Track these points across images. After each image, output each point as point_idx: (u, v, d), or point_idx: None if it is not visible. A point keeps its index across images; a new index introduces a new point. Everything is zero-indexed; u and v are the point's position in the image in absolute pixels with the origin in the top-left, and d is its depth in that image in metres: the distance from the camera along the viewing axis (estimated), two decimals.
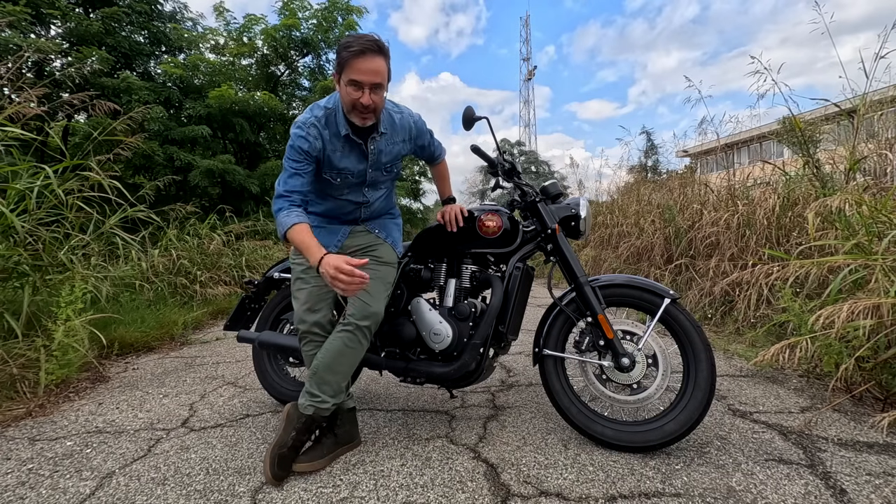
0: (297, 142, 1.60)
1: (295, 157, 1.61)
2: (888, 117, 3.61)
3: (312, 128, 1.61)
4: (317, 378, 1.64)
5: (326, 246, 1.62)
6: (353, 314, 1.65)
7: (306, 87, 11.46)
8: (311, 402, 1.63)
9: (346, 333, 1.64)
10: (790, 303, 2.44)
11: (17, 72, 3.22)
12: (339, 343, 1.65)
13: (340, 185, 1.73)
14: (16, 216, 2.56)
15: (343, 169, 1.69)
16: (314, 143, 1.61)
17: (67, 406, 2.28)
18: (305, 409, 1.63)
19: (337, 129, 1.63)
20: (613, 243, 6.09)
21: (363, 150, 1.69)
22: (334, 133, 1.63)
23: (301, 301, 1.73)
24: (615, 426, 1.69)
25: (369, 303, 1.66)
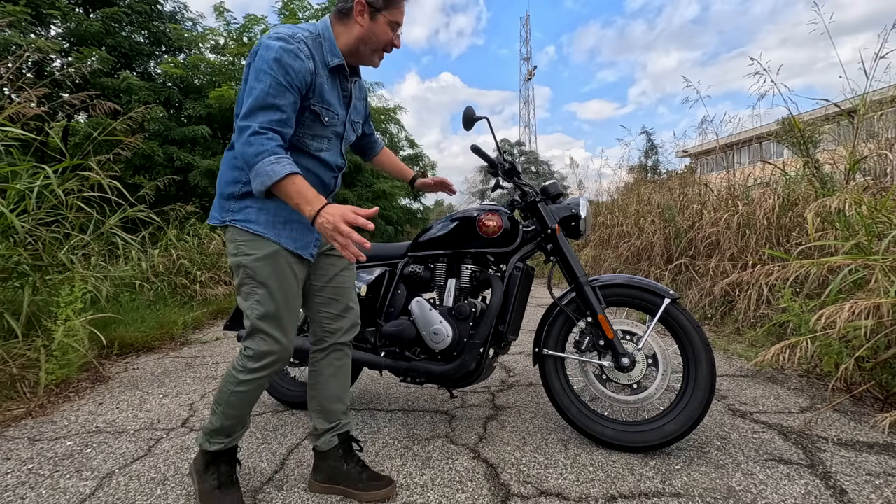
0: (287, 58, 1.18)
1: (281, 79, 1.17)
2: (888, 117, 3.61)
3: (303, 44, 1.23)
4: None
5: (304, 249, 1.34)
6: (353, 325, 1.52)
7: None
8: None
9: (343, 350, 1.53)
10: (790, 303, 2.44)
11: (17, 72, 3.22)
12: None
13: (325, 130, 1.35)
14: (16, 216, 2.56)
15: (331, 105, 1.33)
16: (306, 64, 1.22)
17: (67, 406, 2.28)
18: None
19: (324, 56, 1.29)
20: (613, 243, 6.09)
21: (345, 90, 1.39)
22: (321, 61, 1.28)
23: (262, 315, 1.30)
24: (615, 426, 1.69)
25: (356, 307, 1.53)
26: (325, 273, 1.47)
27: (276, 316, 1.30)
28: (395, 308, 1.97)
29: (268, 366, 1.33)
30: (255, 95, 1.16)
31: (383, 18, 1.31)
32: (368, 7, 1.29)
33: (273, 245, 1.28)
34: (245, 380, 1.32)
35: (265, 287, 1.28)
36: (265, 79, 1.16)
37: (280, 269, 1.29)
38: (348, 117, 1.42)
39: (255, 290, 1.29)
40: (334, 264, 1.48)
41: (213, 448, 1.35)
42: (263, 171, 1.12)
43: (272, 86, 1.16)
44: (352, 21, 1.30)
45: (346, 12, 1.30)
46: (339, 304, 1.49)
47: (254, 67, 1.19)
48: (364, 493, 1.41)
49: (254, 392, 1.36)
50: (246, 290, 1.30)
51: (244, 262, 1.27)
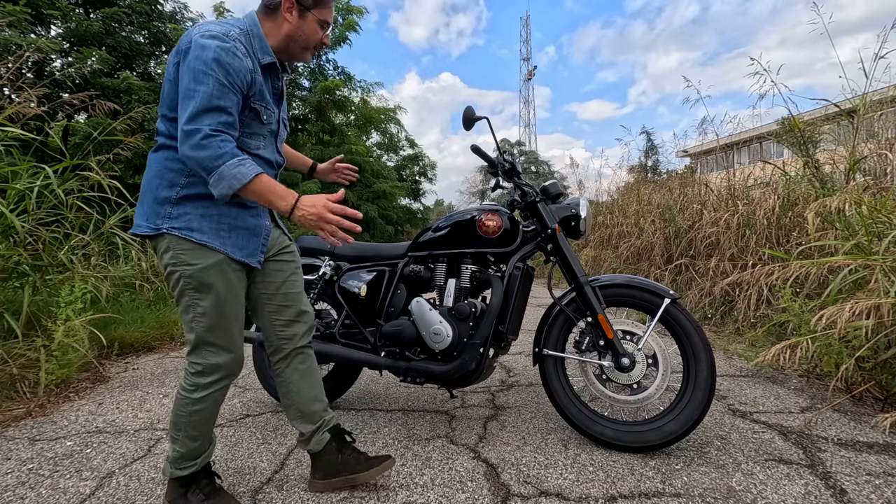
0: (226, 57, 1.13)
1: (223, 79, 1.13)
2: (888, 117, 3.61)
3: (238, 42, 1.19)
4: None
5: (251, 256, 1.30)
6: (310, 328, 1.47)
7: (306, 87, 11.46)
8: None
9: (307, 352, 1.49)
10: (790, 303, 2.44)
11: (17, 72, 3.22)
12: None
13: (262, 129, 1.31)
14: (16, 216, 2.56)
15: (268, 103, 1.31)
16: (245, 62, 1.18)
17: (67, 406, 2.28)
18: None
19: (255, 53, 1.25)
20: (613, 243, 6.09)
21: (276, 88, 1.36)
22: (254, 59, 1.25)
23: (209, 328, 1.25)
24: (615, 426, 1.69)
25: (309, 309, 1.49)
26: (273, 280, 1.41)
27: (225, 326, 1.27)
28: (395, 308, 1.97)
29: (221, 379, 1.29)
30: (200, 98, 1.11)
31: (312, 17, 1.30)
32: (297, 5, 1.27)
33: (218, 254, 1.23)
34: (199, 397, 1.27)
35: (211, 298, 1.23)
36: (207, 80, 1.12)
37: (226, 279, 1.25)
38: (280, 114, 1.39)
39: (198, 302, 1.23)
40: (282, 269, 1.43)
41: (185, 473, 1.30)
42: (230, 175, 1.11)
43: (215, 87, 1.13)
44: (280, 18, 1.28)
45: (273, 8, 1.28)
46: (291, 310, 1.44)
47: (189, 68, 1.13)
48: (365, 474, 1.43)
49: (212, 407, 1.31)
50: (187, 302, 1.23)
51: (186, 273, 1.21)
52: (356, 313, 2.04)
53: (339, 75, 11.37)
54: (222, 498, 1.33)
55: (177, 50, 1.18)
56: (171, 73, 1.20)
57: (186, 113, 1.11)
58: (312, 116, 11.15)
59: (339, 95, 10.63)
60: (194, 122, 1.11)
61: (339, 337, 2.04)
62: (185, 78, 1.14)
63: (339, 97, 10.72)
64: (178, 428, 1.29)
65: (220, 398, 1.33)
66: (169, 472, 1.31)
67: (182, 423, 1.28)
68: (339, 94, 10.56)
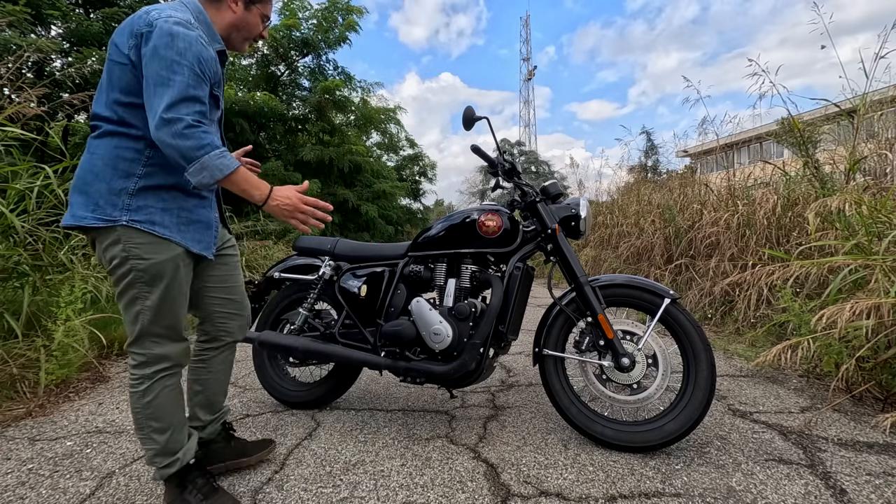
0: (198, 47, 1.14)
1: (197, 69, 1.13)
2: (888, 117, 3.61)
3: (200, 31, 1.20)
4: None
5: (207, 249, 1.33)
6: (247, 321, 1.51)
7: (306, 87, 11.46)
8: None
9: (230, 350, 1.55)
10: (790, 303, 2.44)
11: (17, 72, 3.22)
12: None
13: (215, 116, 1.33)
14: (16, 216, 2.56)
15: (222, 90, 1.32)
16: (210, 52, 1.20)
17: (67, 406, 2.28)
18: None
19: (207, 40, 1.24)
20: (613, 243, 6.09)
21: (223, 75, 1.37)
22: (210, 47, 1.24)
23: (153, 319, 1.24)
24: (615, 426, 1.69)
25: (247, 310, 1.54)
26: (218, 273, 1.45)
27: (171, 317, 1.26)
28: (395, 308, 1.97)
29: (166, 369, 1.29)
30: (177, 87, 1.10)
31: (256, 10, 1.35)
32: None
33: (178, 248, 1.24)
34: (146, 388, 1.26)
35: (160, 290, 1.22)
36: (182, 70, 1.11)
37: (178, 272, 1.25)
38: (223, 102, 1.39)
39: (147, 295, 1.22)
40: (227, 263, 1.48)
41: (173, 469, 1.30)
42: (213, 165, 1.13)
43: (191, 77, 1.12)
44: (224, 6, 1.30)
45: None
46: (234, 303, 1.49)
47: (160, 55, 1.10)
48: (251, 458, 1.58)
49: (167, 397, 1.29)
50: (134, 294, 1.21)
51: (140, 266, 1.19)
52: (356, 313, 2.04)
53: (339, 75, 11.37)
54: (221, 497, 1.32)
55: (132, 32, 1.15)
56: (124, 56, 1.15)
57: (164, 101, 1.09)
58: (312, 116, 11.15)
59: (339, 95, 10.63)
60: (173, 111, 1.09)
61: (339, 337, 2.04)
62: (154, 64, 1.10)
63: (339, 97, 10.72)
64: (141, 426, 1.29)
65: (174, 386, 1.32)
66: (158, 475, 1.31)
67: (142, 420, 1.28)
68: (339, 94, 10.56)
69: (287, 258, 2.31)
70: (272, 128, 11.07)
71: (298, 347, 1.99)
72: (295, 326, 2.10)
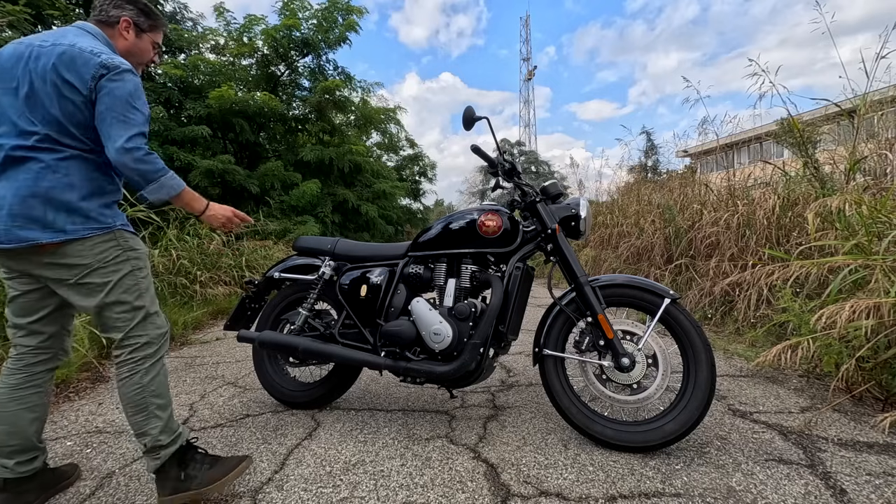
0: (141, 89, 1.36)
1: (144, 110, 1.35)
2: (888, 117, 3.61)
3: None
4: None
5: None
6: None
7: (306, 87, 11.45)
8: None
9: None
10: (790, 303, 2.44)
11: None
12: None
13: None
14: None
15: None
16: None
17: (67, 406, 2.28)
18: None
19: None
20: (613, 243, 6.09)
21: None
22: None
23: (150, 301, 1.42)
24: (615, 426, 1.69)
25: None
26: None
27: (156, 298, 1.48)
28: (395, 308, 1.97)
29: (164, 345, 1.45)
30: (136, 125, 1.30)
31: (148, 38, 1.50)
32: (134, 26, 1.45)
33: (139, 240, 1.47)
34: (149, 366, 1.39)
35: (149, 275, 1.46)
36: (136, 113, 1.31)
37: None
38: None
39: (143, 281, 1.41)
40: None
41: (176, 445, 1.39)
42: (168, 185, 1.35)
43: (143, 117, 1.33)
44: (116, 34, 1.44)
45: (110, 24, 1.43)
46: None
47: (117, 97, 1.28)
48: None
49: (164, 372, 1.44)
50: (132, 282, 1.38)
51: (134, 256, 1.40)
52: (356, 313, 2.04)
53: (339, 75, 11.36)
54: (226, 462, 1.43)
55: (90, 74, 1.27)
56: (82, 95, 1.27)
57: (123, 135, 1.27)
58: (312, 117, 11.15)
59: (339, 95, 10.61)
60: (134, 142, 1.29)
61: (339, 337, 2.04)
62: (115, 104, 1.28)
63: (339, 97, 10.70)
64: (144, 406, 1.36)
65: (164, 363, 1.45)
66: (158, 461, 1.36)
67: (146, 400, 1.36)
68: (339, 94, 10.54)
69: (287, 258, 2.31)
70: (272, 128, 11.06)
71: (298, 347, 1.99)
72: (295, 326, 2.10)
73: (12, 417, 1.33)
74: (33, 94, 1.27)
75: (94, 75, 1.27)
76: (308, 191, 9.28)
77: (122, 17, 1.43)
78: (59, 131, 1.28)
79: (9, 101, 1.28)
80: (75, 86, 1.26)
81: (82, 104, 1.28)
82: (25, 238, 1.25)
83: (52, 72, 1.26)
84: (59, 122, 1.28)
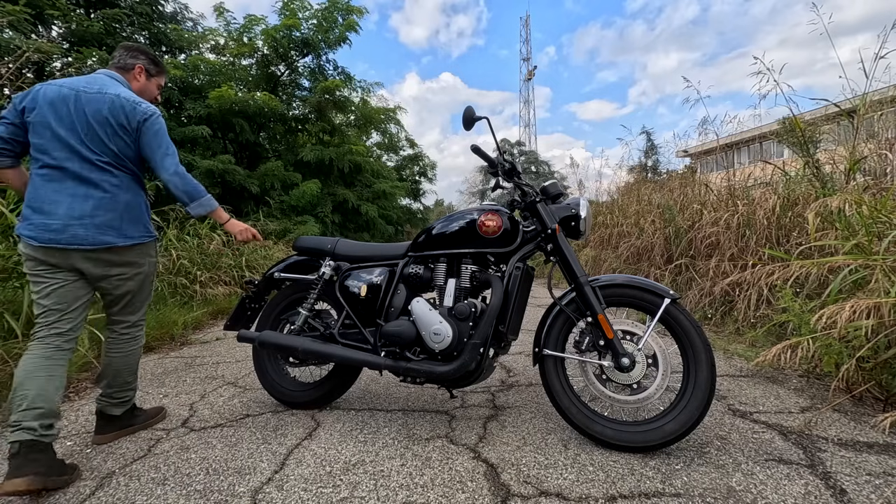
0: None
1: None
2: (888, 117, 3.60)
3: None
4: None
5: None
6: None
7: (306, 87, 11.45)
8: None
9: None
10: (790, 303, 2.44)
11: (17, 72, 3.22)
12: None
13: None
14: (16, 216, 2.56)
15: None
16: None
17: (67, 406, 2.28)
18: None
19: None
20: (613, 243, 6.09)
21: None
22: None
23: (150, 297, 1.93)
24: (615, 426, 1.69)
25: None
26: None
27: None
28: (395, 308, 1.97)
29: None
30: (175, 156, 1.78)
31: (154, 80, 1.93)
32: (145, 71, 1.88)
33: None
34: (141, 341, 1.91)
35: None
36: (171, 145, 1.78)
37: None
38: None
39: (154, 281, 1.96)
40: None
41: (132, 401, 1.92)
42: (207, 203, 1.83)
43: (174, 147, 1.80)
44: (131, 77, 1.85)
45: (127, 69, 1.84)
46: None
47: (157, 133, 1.73)
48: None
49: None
50: (153, 279, 1.92)
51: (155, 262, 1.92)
52: (356, 313, 2.04)
53: (339, 75, 11.36)
54: (151, 410, 2.05)
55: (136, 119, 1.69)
56: (130, 134, 1.70)
57: (174, 161, 1.76)
58: (312, 117, 11.15)
59: (339, 95, 10.61)
60: (179, 168, 1.77)
61: (339, 337, 2.04)
62: (159, 139, 1.74)
63: (339, 97, 10.70)
64: (135, 370, 1.89)
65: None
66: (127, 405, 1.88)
67: (136, 364, 1.89)
68: (339, 94, 10.55)
69: (287, 258, 2.31)
70: (272, 128, 11.06)
71: (298, 347, 1.99)
72: (295, 326, 2.10)
73: (43, 383, 1.54)
74: (91, 132, 1.63)
75: (139, 121, 1.70)
76: (308, 191, 9.28)
77: (136, 65, 1.85)
78: (117, 161, 1.69)
79: (66, 133, 1.61)
80: (126, 128, 1.68)
81: (131, 142, 1.71)
82: (104, 241, 1.65)
83: (108, 116, 1.65)
84: (116, 154, 1.69)
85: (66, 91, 1.62)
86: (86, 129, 1.62)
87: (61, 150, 1.60)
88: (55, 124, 1.59)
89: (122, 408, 1.86)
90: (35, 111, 1.60)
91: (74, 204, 1.60)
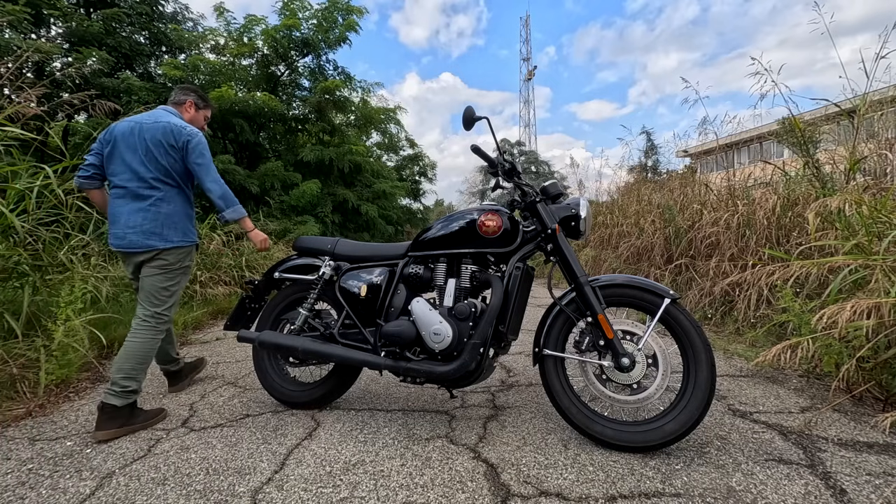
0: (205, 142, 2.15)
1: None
2: (888, 117, 3.60)
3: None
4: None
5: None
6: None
7: (306, 87, 11.43)
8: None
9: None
10: (790, 303, 2.44)
11: (17, 72, 3.22)
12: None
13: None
14: (16, 216, 2.56)
15: None
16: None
17: (67, 406, 2.28)
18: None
19: None
20: (613, 243, 6.09)
21: None
22: None
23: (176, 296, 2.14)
24: (615, 426, 1.69)
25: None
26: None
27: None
28: (395, 308, 1.97)
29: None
30: (214, 170, 2.13)
31: (201, 113, 2.37)
32: (194, 105, 2.31)
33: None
34: (158, 336, 2.06)
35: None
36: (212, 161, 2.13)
37: None
38: None
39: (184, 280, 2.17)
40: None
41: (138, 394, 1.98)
42: (239, 210, 2.16)
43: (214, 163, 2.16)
44: (183, 110, 2.27)
45: (180, 103, 2.27)
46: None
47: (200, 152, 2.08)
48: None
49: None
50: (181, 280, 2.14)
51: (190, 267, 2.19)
52: (356, 313, 2.04)
53: (339, 76, 11.35)
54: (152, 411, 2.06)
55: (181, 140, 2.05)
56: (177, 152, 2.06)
57: (212, 175, 2.11)
58: (312, 117, 11.14)
59: (339, 96, 10.60)
60: (219, 178, 2.13)
61: (339, 337, 2.04)
62: (203, 159, 2.09)
63: (339, 97, 10.69)
64: (144, 361, 2.00)
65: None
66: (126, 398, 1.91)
67: (148, 356, 2.01)
68: (339, 94, 10.54)
69: (287, 258, 2.31)
70: (272, 128, 11.06)
71: (298, 347, 1.99)
72: (295, 326, 2.10)
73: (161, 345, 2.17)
74: (149, 152, 2.01)
75: (184, 141, 2.06)
76: (308, 191, 9.28)
77: (187, 100, 2.29)
78: (166, 175, 2.05)
79: (131, 157, 2.01)
80: (175, 146, 2.04)
81: (179, 158, 2.07)
82: (150, 246, 2.01)
83: (161, 139, 2.03)
84: (167, 169, 2.04)
85: (132, 125, 2.05)
86: (145, 150, 2.01)
87: (125, 173, 2.01)
88: (124, 151, 2.01)
89: (123, 399, 1.90)
90: (111, 143, 2.03)
91: (130, 217, 2.00)
